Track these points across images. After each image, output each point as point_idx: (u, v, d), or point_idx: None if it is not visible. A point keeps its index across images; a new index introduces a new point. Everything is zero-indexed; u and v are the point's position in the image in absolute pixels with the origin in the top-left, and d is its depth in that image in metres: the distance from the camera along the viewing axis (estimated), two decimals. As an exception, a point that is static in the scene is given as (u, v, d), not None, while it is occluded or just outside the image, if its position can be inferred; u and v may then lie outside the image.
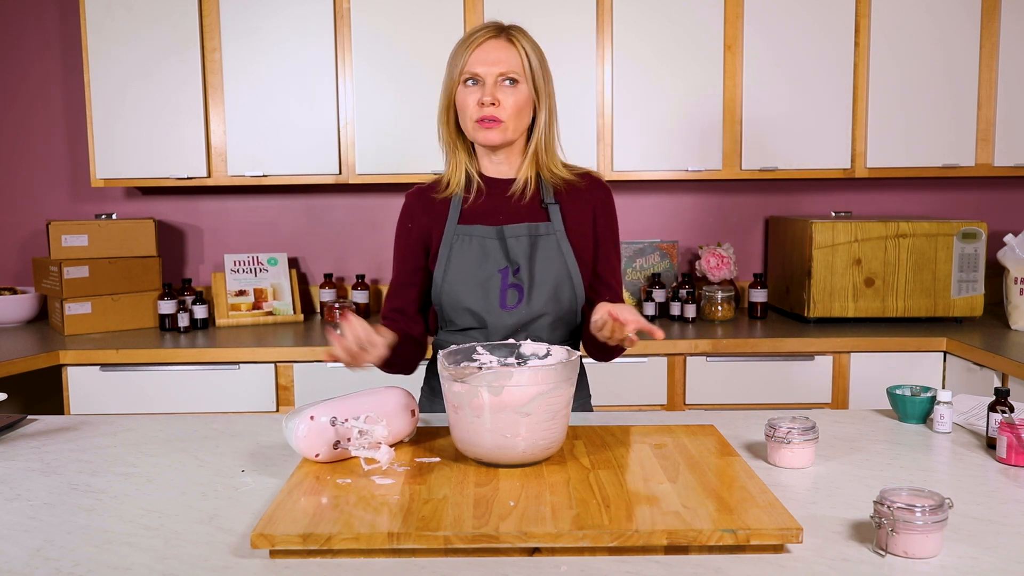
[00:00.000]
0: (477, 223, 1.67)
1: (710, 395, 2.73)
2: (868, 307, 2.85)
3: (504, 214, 1.68)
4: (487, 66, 1.60)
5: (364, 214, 3.32)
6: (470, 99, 1.61)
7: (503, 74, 1.60)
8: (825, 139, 2.96)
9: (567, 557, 1.05)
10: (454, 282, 1.65)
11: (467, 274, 1.64)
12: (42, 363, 2.60)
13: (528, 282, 1.64)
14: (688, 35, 2.92)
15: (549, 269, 1.64)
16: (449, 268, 1.66)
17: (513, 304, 1.64)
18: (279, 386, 2.70)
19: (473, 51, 1.61)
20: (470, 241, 1.66)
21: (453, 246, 1.67)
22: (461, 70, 1.61)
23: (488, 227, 1.66)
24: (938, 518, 1.03)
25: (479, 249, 1.65)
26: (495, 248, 1.65)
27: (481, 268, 1.64)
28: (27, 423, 1.66)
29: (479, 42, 1.61)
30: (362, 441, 1.29)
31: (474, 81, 1.61)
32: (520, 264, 1.65)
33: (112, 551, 1.08)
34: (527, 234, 1.65)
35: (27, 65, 3.25)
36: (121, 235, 2.98)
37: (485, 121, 1.61)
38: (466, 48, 1.61)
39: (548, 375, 1.25)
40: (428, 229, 1.70)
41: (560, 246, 1.66)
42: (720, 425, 1.60)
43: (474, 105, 1.61)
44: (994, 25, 2.93)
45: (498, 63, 1.60)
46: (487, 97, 1.59)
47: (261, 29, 2.90)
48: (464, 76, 1.61)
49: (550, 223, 1.67)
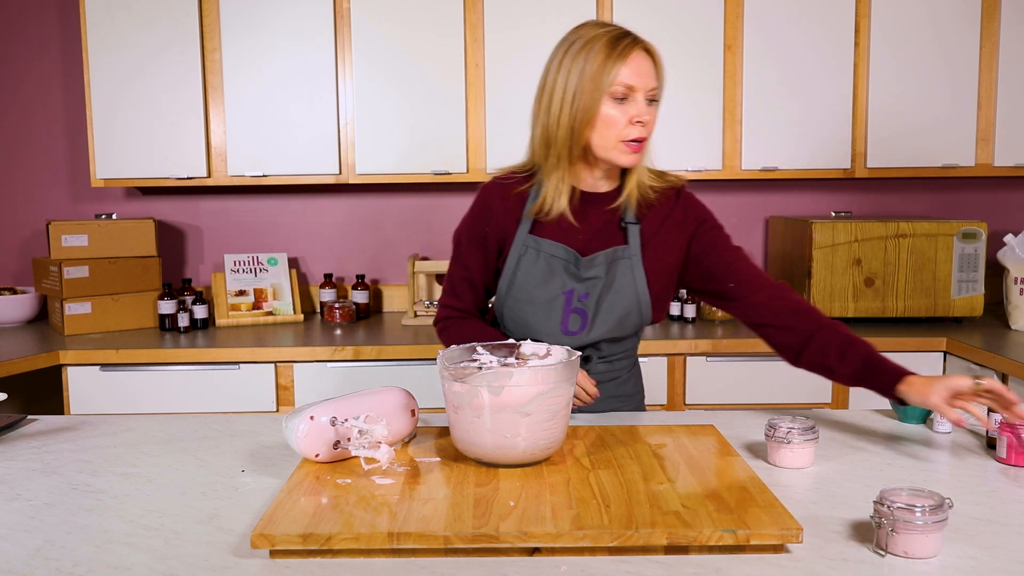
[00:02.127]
0: (549, 237, 1.58)
1: (710, 395, 2.73)
2: (868, 307, 2.85)
3: (581, 232, 1.58)
4: (643, 79, 1.47)
5: (364, 214, 3.32)
6: (621, 115, 1.47)
7: (653, 88, 1.49)
8: (825, 139, 2.96)
9: (567, 557, 1.05)
10: (518, 298, 1.58)
11: (531, 291, 1.57)
12: (42, 363, 2.60)
13: (594, 309, 1.57)
14: (688, 35, 2.92)
15: (619, 300, 1.57)
16: (514, 282, 1.59)
17: (575, 329, 1.59)
18: (279, 386, 2.70)
19: (626, 62, 1.46)
20: (538, 256, 1.57)
21: (521, 259, 1.58)
22: (612, 81, 1.45)
23: (560, 245, 1.57)
24: (938, 518, 1.03)
25: (546, 266, 1.57)
26: (564, 268, 1.57)
27: (546, 287, 1.57)
28: (27, 423, 1.66)
29: (628, 52, 1.46)
30: (362, 441, 1.29)
31: (624, 96, 1.47)
32: (591, 290, 1.57)
33: (112, 551, 1.08)
34: (603, 262, 1.57)
35: (27, 65, 3.25)
36: (121, 235, 2.98)
37: (634, 143, 1.49)
38: (616, 57, 1.46)
39: (548, 375, 1.25)
40: (504, 233, 1.61)
41: (634, 271, 1.57)
42: (720, 425, 1.60)
43: (625, 123, 1.47)
44: (994, 25, 2.93)
45: (650, 76, 1.48)
46: (646, 115, 1.47)
47: (261, 29, 2.90)
48: (616, 89, 1.46)
49: (627, 246, 1.58)
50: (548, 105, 1.52)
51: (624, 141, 1.49)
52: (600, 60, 1.46)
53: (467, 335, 1.61)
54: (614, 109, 1.47)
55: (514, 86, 2.89)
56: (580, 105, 1.48)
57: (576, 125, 1.49)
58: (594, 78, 1.46)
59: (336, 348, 2.67)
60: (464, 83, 2.92)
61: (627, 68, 1.46)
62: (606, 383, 1.68)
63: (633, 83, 1.46)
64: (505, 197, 1.61)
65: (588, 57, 1.47)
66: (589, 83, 1.46)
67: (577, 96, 1.47)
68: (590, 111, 1.47)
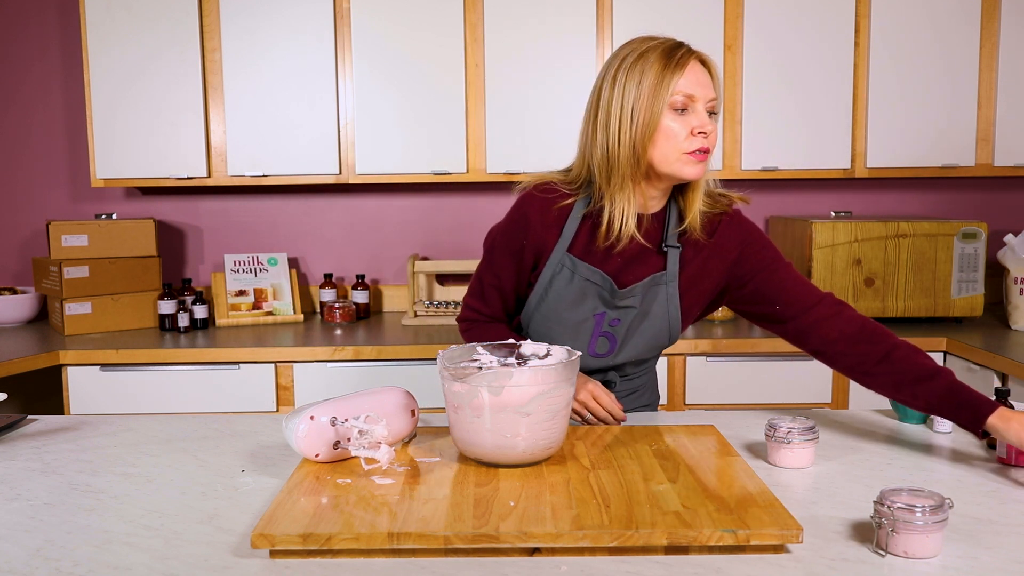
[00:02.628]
0: (586, 260, 1.53)
1: (710, 395, 2.73)
2: (868, 307, 2.85)
3: (621, 254, 1.52)
4: (702, 88, 1.42)
5: (364, 214, 3.32)
6: (683, 126, 1.42)
7: (713, 99, 1.44)
8: (825, 139, 2.96)
9: (567, 557, 1.05)
10: (547, 316, 1.56)
11: (562, 312, 1.54)
12: (42, 363, 2.60)
13: (624, 335, 1.56)
14: (688, 35, 2.90)
15: (651, 326, 1.55)
16: (545, 300, 1.55)
17: (603, 352, 1.57)
18: (279, 386, 2.70)
19: (684, 72, 1.41)
20: (572, 278, 1.53)
21: (555, 278, 1.53)
22: (671, 92, 1.40)
23: (595, 270, 1.52)
24: (938, 518, 1.03)
25: (579, 289, 1.53)
26: (597, 294, 1.53)
27: (577, 309, 1.54)
28: (27, 423, 1.66)
29: (685, 62, 1.42)
30: (362, 441, 1.29)
31: (684, 107, 1.42)
32: (620, 317, 1.55)
33: (112, 551, 1.08)
34: (640, 292, 1.53)
35: (27, 65, 3.25)
36: (121, 235, 2.98)
37: (698, 153, 1.43)
38: (673, 67, 1.41)
39: (548, 375, 1.25)
40: (541, 248, 1.55)
41: (668, 297, 1.54)
42: (720, 425, 1.60)
43: (687, 134, 1.42)
44: (994, 25, 2.93)
45: (708, 86, 1.43)
46: (708, 126, 1.42)
47: (261, 29, 2.90)
48: (675, 100, 1.41)
49: (665, 273, 1.53)
50: (606, 123, 1.45)
51: (687, 152, 1.43)
52: (657, 71, 1.41)
53: (492, 338, 1.59)
54: (675, 121, 1.42)
55: (514, 86, 2.90)
56: (640, 119, 1.42)
57: (637, 141, 1.43)
58: (652, 90, 1.41)
59: (336, 348, 2.67)
60: (464, 83, 2.92)
61: (685, 78, 1.41)
62: (625, 397, 1.69)
63: (693, 92, 1.42)
64: (546, 212, 1.53)
65: (644, 69, 1.41)
66: (648, 96, 1.41)
67: (636, 110, 1.42)
68: (651, 124, 1.42)
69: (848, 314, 1.51)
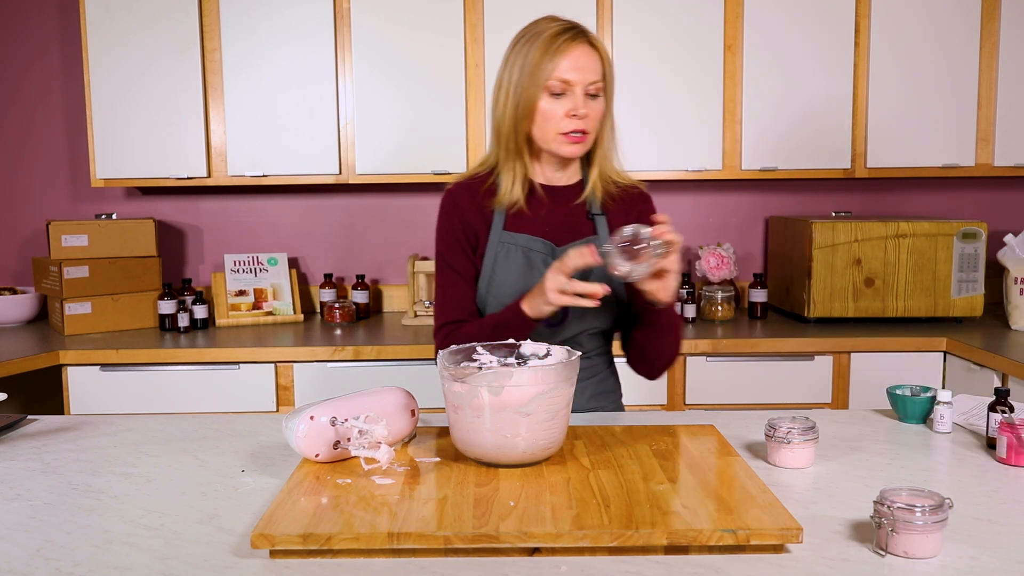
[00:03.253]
0: (523, 231, 1.61)
1: (710, 395, 2.73)
2: (868, 307, 2.85)
3: (550, 224, 1.62)
4: (579, 73, 1.50)
5: (364, 214, 3.32)
6: (558, 109, 1.51)
7: (592, 83, 1.51)
8: (825, 139, 2.96)
9: (567, 557, 1.05)
10: (499, 293, 1.60)
11: (511, 287, 1.59)
12: (42, 363, 2.60)
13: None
14: (688, 35, 2.92)
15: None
16: (493, 280, 1.61)
17: (556, 322, 1.60)
18: (279, 386, 2.70)
19: (563, 57, 1.50)
20: (515, 251, 1.60)
21: (498, 256, 1.60)
22: (548, 77, 1.50)
23: (534, 238, 1.60)
24: (938, 518, 1.03)
25: (524, 261, 1.60)
26: (541, 261, 1.60)
27: (525, 282, 1.59)
28: (27, 423, 1.66)
29: (566, 48, 1.50)
30: (362, 441, 1.29)
31: (561, 91, 1.51)
32: None
33: (112, 551, 1.08)
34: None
35: (27, 65, 3.25)
36: (121, 235, 2.98)
37: (573, 134, 1.53)
38: (553, 52, 1.49)
39: (548, 375, 1.25)
40: (476, 229, 1.63)
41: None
42: (720, 425, 1.60)
43: (562, 116, 1.51)
44: (994, 25, 2.93)
45: (587, 71, 1.51)
46: (582, 109, 1.51)
47: (261, 29, 2.90)
48: (552, 84, 1.50)
49: (597, 236, 1.61)
50: (496, 99, 1.58)
51: (562, 133, 1.53)
52: (538, 55, 1.50)
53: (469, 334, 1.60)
54: (551, 103, 1.52)
55: (514, 86, 2.89)
56: (521, 99, 1.53)
57: (518, 119, 1.54)
58: (532, 73, 1.51)
59: (336, 348, 2.67)
60: (464, 83, 2.92)
61: (564, 63, 1.50)
62: (587, 380, 1.70)
63: (568, 77, 1.50)
64: (474, 195, 1.63)
65: (528, 53, 1.52)
66: (528, 78, 1.51)
67: (517, 91, 1.53)
68: (529, 106, 1.52)
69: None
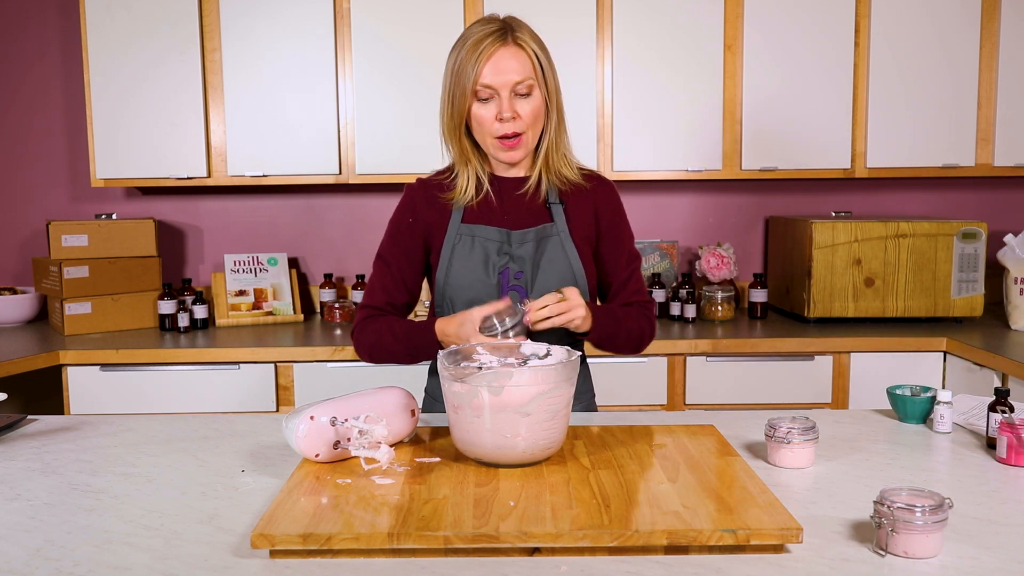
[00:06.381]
0: (481, 223, 1.64)
1: (710, 395, 2.73)
2: (868, 307, 2.85)
3: (508, 214, 1.65)
4: (501, 77, 1.51)
5: (364, 214, 3.32)
6: (486, 114, 1.54)
7: (518, 83, 1.53)
8: (825, 139, 2.96)
9: (567, 557, 1.05)
10: (456, 284, 1.62)
11: (469, 276, 1.62)
12: (42, 363, 2.60)
13: (531, 285, 1.61)
14: (688, 35, 2.92)
15: (553, 272, 1.61)
16: (451, 270, 1.62)
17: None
18: (279, 386, 2.70)
19: (484, 63, 1.51)
20: (472, 242, 1.62)
21: (455, 247, 1.63)
22: (474, 83, 1.52)
23: (491, 228, 1.63)
24: (938, 518, 1.03)
25: (481, 250, 1.62)
26: (497, 249, 1.62)
27: (484, 270, 1.61)
28: (27, 423, 1.66)
29: (488, 52, 1.51)
30: (362, 441, 1.29)
31: (488, 96, 1.53)
32: (524, 267, 1.61)
33: (112, 551, 1.08)
34: (533, 238, 1.62)
35: (27, 65, 3.25)
36: (121, 235, 2.98)
37: (506, 139, 1.55)
38: (475, 59, 1.51)
39: (548, 375, 1.25)
40: (430, 225, 1.66)
41: (564, 247, 1.62)
42: (720, 425, 1.60)
43: (492, 121, 1.54)
44: (994, 25, 2.93)
45: (511, 72, 1.52)
46: (506, 112, 1.52)
47: (261, 29, 2.90)
48: (477, 90, 1.53)
49: (554, 224, 1.64)
50: (440, 106, 1.60)
51: (498, 139, 1.56)
52: (463, 62, 1.53)
53: (379, 328, 1.63)
54: (481, 109, 1.54)
55: (514, 86, 2.89)
56: (455, 106, 1.56)
57: (455, 125, 1.58)
58: (459, 82, 1.53)
59: (336, 348, 2.67)
60: (464, 83, 2.91)
61: (486, 68, 1.51)
62: None
63: (490, 82, 1.52)
64: (428, 189, 1.67)
65: (457, 59, 1.54)
66: (457, 86, 1.54)
67: (452, 97, 1.56)
68: (462, 112, 1.56)
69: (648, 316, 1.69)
